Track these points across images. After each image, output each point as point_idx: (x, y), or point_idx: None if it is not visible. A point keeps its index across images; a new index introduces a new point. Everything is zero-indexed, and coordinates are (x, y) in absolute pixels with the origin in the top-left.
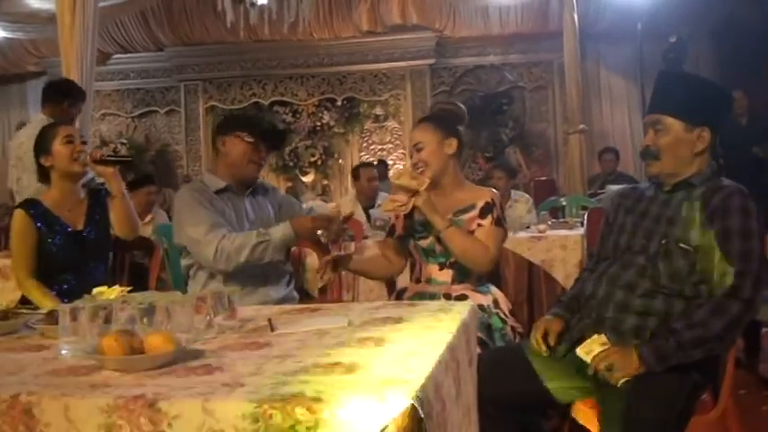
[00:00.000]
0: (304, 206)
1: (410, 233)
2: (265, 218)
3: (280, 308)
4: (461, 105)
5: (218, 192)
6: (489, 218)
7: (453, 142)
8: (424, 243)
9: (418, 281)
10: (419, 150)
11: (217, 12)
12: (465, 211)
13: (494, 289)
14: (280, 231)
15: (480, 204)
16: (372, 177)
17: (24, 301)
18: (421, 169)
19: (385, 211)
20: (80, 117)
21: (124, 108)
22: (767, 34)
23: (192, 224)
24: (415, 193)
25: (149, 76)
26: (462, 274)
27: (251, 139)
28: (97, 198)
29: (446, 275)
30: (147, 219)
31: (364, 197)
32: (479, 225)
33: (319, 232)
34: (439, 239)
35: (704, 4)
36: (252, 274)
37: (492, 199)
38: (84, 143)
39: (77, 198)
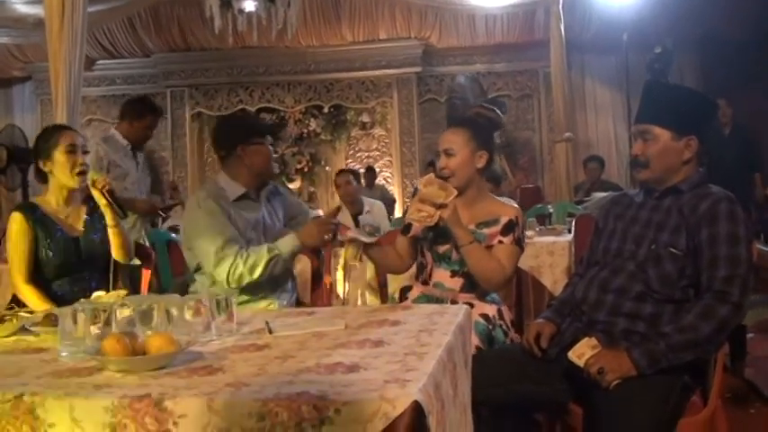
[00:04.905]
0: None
1: (428, 236)
2: (278, 223)
3: (275, 311)
4: (500, 112)
5: (237, 199)
6: (511, 236)
7: (485, 156)
8: (440, 248)
9: (425, 282)
10: (449, 156)
11: (204, 18)
12: (488, 224)
13: (499, 300)
14: (289, 245)
15: (504, 221)
16: (348, 182)
17: (16, 300)
18: (447, 176)
19: (410, 221)
20: (69, 124)
21: (110, 114)
22: (747, 46)
23: (210, 235)
24: (441, 205)
25: (135, 82)
26: (472, 284)
27: (270, 142)
28: (94, 204)
29: (456, 283)
30: None
31: (348, 204)
32: (500, 242)
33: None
34: (457, 248)
35: (688, 16)
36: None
37: (516, 217)
38: (85, 153)
39: (76, 204)
